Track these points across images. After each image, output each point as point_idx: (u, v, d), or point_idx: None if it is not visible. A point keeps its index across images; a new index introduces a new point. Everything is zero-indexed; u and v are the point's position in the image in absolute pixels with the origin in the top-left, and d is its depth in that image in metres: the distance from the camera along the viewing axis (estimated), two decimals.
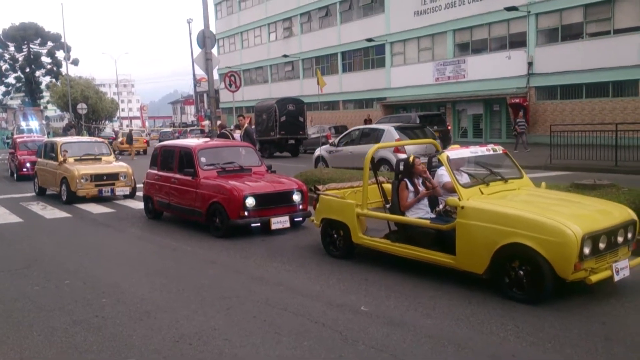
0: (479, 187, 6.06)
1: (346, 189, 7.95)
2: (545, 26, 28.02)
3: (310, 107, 44.95)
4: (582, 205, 5.91)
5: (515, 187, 6.36)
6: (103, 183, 13.45)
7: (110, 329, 5.03)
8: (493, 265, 5.49)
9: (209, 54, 15.40)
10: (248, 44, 53.46)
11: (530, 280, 5.24)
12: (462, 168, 6.54)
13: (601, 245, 5.22)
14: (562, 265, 5.05)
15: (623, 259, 5.46)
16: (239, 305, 5.58)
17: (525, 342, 4.41)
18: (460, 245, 5.75)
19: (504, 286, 5.44)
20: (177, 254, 8.03)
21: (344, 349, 4.41)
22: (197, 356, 4.37)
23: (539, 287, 5.19)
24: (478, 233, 5.58)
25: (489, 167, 6.61)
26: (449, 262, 5.90)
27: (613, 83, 25.35)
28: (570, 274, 5.06)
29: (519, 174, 6.64)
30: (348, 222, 7.05)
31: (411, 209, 6.66)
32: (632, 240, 5.70)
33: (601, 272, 5.21)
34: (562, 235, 5.02)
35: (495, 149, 6.68)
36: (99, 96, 72.28)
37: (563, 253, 5.02)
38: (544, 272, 5.13)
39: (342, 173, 12.80)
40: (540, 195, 6.34)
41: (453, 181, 5.98)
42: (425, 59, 34.41)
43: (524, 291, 5.29)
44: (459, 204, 5.75)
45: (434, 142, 8.00)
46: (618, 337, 4.43)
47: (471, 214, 5.66)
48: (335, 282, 6.25)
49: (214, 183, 9.25)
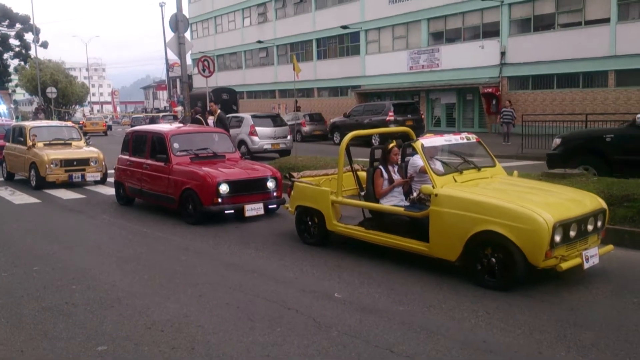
0: (452, 175, 6.10)
1: (321, 177, 7.94)
2: (518, 16, 28.29)
3: (285, 94, 44.90)
4: (554, 194, 5.98)
5: (488, 176, 6.41)
6: (73, 168, 13.21)
7: (80, 316, 4.96)
8: (466, 252, 5.54)
9: (181, 38, 15.18)
10: (222, 29, 52.82)
11: (502, 268, 5.30)
12: (436, 156, 6.57)
13: (572, 233, 5.30)
14: (534, 252, 5.12)
15: (593, 247, 5.56)
16: (211, 291, 5.55)
17: (496, 329, 4.48)
18: (433, 233, 5.79)
19: (476, 273, 5.50)
20: (149, 241, 7.94)
21: (317, 335, 4.42)
22: (169, 343, 4.33)
23: (511, 274, 5.26)
24: (451, 220, 5.62)
25: (462, 156, 6.65)
26: (423, 249, 5.94)
27: (583, 74, 25.78)
28: (541, 261, 5.14)
29: (492, 163, 6.70)
30: (323, 209, 7.05)
31: (386, 196, 6.68)
32: (602, 228, 5.81)
33: (571, 260, 5.29)
34: (533, 222, 5.09)
35: (469, 138, 6.73)
36: (69, 80, 70.84)
37: (534, 240, 5.09)
38: (516, 259, 5.19)
39: (317, 160, 12.81)
40: (513, 183, 6.39)
41: (427, 169, 6.01)
42: (400, 48, 34.48)
43: (496, 278, 5.35)
44: (432, 192, 5.77)
45: (408, 131, 8.05)
46: (586, 323, 4.53)
47: (444, 201, 5.70)
48: (309, 269, 6.26)
49: (187, 169, 9.15)
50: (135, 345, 4.32)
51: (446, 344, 4.20)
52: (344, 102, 37.76)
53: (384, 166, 6.81)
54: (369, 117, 25.05)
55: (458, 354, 4.03)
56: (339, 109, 35.34)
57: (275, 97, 46.22)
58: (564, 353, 4.03)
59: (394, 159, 6.86)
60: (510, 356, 4.00)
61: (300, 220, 7.51)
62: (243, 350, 4.18)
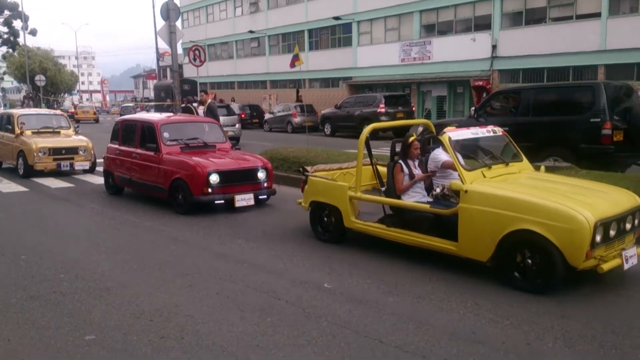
0: (481, 171, 5.79)
1: (335, 171, 7.66)
2: (510, 10, 28.31)
3: (276, 85, 44.75)
4: (590, 191, 5.67)
5: (516, 171, 6.13)
6: (62, 157, 13.11)
7: (68, 305, 4.93)
8: (498, 252, 5.25)
9: (172, 27, 15.03)
10: (213, 18, 52.44)
11: (539, 269, 5.02)
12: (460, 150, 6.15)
13: (611, 233, 5.04)
14: (574, 253, 4.85)
15: (630, 246, 5.29)
16: (201, 281, 5.54)
17: (485, 320, 4.51)
18: (463, 232, 5.49)
19: (509, 275, 5.21)
20: (138, 230, 7.90)
21: (307, 325, 4.43)
22: (158, 333, 4.32)
23: (549, 277, 4.98)
24: (483, 219, 5.32)
25: (489, 150, 6.36)
26: (451, 248, 5.65)
27: (573, 68, 25.88)
28: (581, 262, 4.87)
29: (519, 157, 6.42)
30: (340, 205, 6.73)
31: (407, 192, 6.38)
32: (639, 227, 5.51)
33: (611, 261, 5.01)
34: (574, 221, 4.82)
35: (495, 131, 6.41)
36: (58, 68, 70.19)
37: (575, 240, 4.82)
38: (555, 261, 4.90)
39: (308, 152, 12.78)
40: (543, 179, 6.10)
41: (456, 164, 5.70)
42: (392, 39, 34.41)
43: (532, 280, 5.07)
44: (462, 188, 5.46)
45: (427, 123, 7.66)
46: (574, 315, 4.57)
47: (475, 198, 5.40)
48: (299, 260, 6.26)
49: (177, 159, 9.10)
50: (124, 334, 4.31)
51: (435, 335, 4.22)
52: (335, 93, 37.67)
53: (404, 161, 6.48)
54: (360, 108, 25.04)
55: (447, 345, 4.06)
56: (330, 101, 35.25)
57: (267, 88, 46.03)
58: (551, 344, 4.07)
59: (415, 153, 6.53)
60: (498, 347, 4.03)
61: (315, 216, 7.19)
62: (233, 340, 4.18)
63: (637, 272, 5.64)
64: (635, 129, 10.20)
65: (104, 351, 4.05)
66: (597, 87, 10.62)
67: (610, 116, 10.03)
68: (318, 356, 3.93)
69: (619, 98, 10.67)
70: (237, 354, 3.96)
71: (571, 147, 10.30)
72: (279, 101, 38.15)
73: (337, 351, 3.99)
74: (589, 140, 10.10)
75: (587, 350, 3.97)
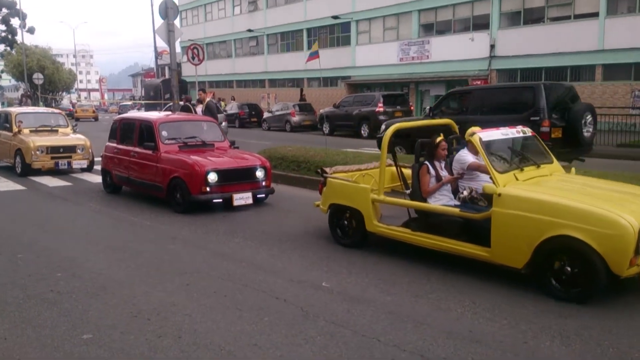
0: (513, 173, 5.54)
1: (354, 172, 7.37)
2: (508, 9, 28.32)
3: (275, 84, 44.72)
4: (629, 195, 5.41)
5: (547, 173, 5.92)
6: (60, 155, 13.09)
7: (65, 304, 4.92)
8: (534, 259, 5.01)
9: (171, 26, 15.02)
10: (212, 16, 52.40)
11: (579, 277, 4.78)
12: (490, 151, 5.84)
13: None
14: (617, 260, 4.61)
15: None
16: (199, 280, 5.53)
17: (482, 319, 4.51)
18: (496, 237, 5.23)
19: (547, 283, 4.97)
20: (135, 229, 7.89)
21: (304, 324, 4.43)
22: (155, 332, 4.31)
23: (591, 285, 4.72)
24: (518, 224, 5.08)
25: (520, 151, 6.17)
26: (483, 254, 5.39)
27: (571, 67, 25.90)
28: (625, 269, 4.64)
29: (549, 159, 6.22)
30: (362, 208, 6.42)
31: (433, 195, 6.14)
32: None
33: None
34: (618, 227, 4.58)
35: (524, 131, 6.21)
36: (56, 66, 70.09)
37: (619, 247, 4.57)
38: (597, 268, 4.65)
39: (306, 151, 12.77)
40: (577, 182, 5.86)
41: (488, 166, 5.44)
42: (390, 39, 34.41)
43: (571, 289, 4.83)
44: (495, 191, 5.21)
45: (450, 123, 7.35)
46: (571, 314, 4.58)
47: (510, 202, 5.15)
48: (297, 259, 6.26)
49: (175, 157, 9.09)
50: (121, 333, 4.30)
51: (432, 334, 4.22)
52: (334, 92, 37.67)
53: (431, 162, 6.23)
54: (358, 108, 25.04)
55: (444, 344, 4.06)
56: (329, 100, 35.27)
57: (265, 87, 46.02)
58: (548, 343, 4.07)
59: (442, 154, 6.28)
60: (495, 346, 4.03)
61: (334, 219, 6.87)
62: (230, 339, 4.18)
63: None
64: (572, 127, 10.91)
65: (101, 350, 4.04)
66: (537, 88, 11.31)
67: (549, 115, 10.85)
68: (316, 355, 3.92)
69: (559, 98, 11.46)
70: (235, 353, 3.96)
71: None
72: (278, 100, 38.12)
73: (335, 350, 3.98)
74: None
75: (585, 350, 3.97)
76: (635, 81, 23.55)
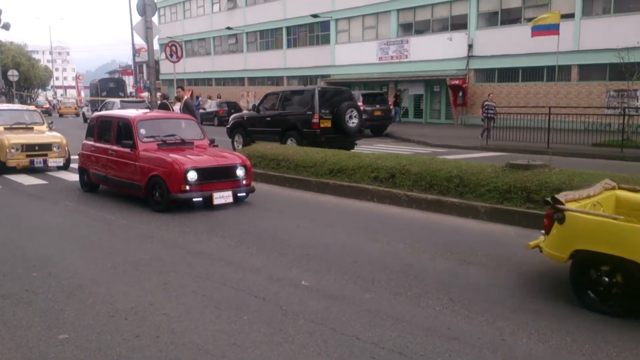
0: None
1: (584, 200, 5.36)
2: (485, 9, 28.61)
3: (254, 82, 44.54)
4: None
5: None
6: (35, 153, 12.89)
7: (41, 304, 4.84)
8: None
9: (149, 22, 14.87)
10: (190, 14, 52.02)
11: None
12: None
13: None
14: None
15: None
16: (177, 279, 5.49)
17: (460, 316, 4.55)
18: None
19: None
20: (112, 228, 7.80)
21: (284, 322, 4.42)
22: (133, 331, 4.27)
23: None
24: None
25: None
26: None
27: (547, 68, 26.26)
28: None
29: None
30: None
31: None
32: None
33: None
34: None
35: None
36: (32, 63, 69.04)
37: None
38: None
39: (285, 150, 12.74)
40: None
41: None
42: (370, 38, 34.53)
43: None
44: None
45: None
46: (547, 311, 4.64)
47: None
48: (277, 257, 6.24)
49: (154, 156, 8.98)
50: (98, 333, 4.24)
51: (411, 331, 4.25)
52: None
53: None
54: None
55: (423, 341, 4.08)
56: None
57: (244, 85, 45.84)
58: (525, 339, 4.12)
59: None
60: (473, 343, 4.06)
61: (582, 274, 4.79)
62: (209, 338, 4.15)
63: None
64: (338, 120, 15.05)
65: (77, 350, 3.99)
66: (313, 91, 15.47)
67: (319, 110, 14.95)
68: (295, 354, 3.92)
69: (330, 99, 15.43)
70: (213, 352, 3.94)
71: (299, 131, 15.15)
72: (257, 98, 37.97)
73: (314, 349, 3.98)
74: (306, 127, 15.01)
75: (561, 345, 4.03)
76: (610, 81, 23.96)
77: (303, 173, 11.04)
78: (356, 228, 7.65)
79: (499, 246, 6.65)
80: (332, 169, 10.60)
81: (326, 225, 7.86)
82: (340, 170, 10.45)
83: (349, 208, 9.09)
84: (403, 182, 9.40)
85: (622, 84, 21.02)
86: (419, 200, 8.86)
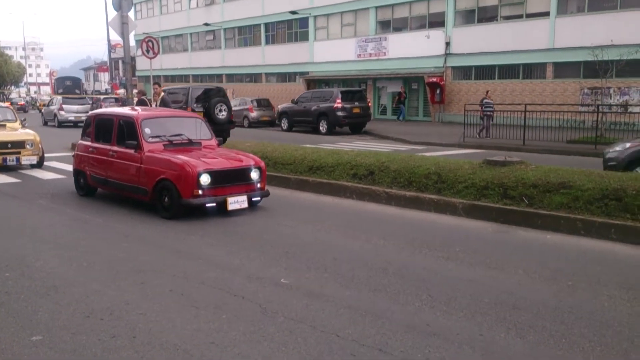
0: None
1: None
2: (462, 7, 28.82)
3: (232, 79, 44.27)
4: None
5: None
6: (7, 151, 12.62)
7: (14, 305, 4.73)
8: None
9: (125, 18, 14.66)
10: (167, 9, 51.47)
11: None
12: None
13: None
14: None
15: None
16: (154, 278, 5.41)
17: (439, 312, 4.57)
18: None
19: None
20: (88, 227, 7.68)
21: (263, 321, 4.39)
22: (108, 331, 4.20)
23: None
24: None
25: None
26: None
27: (523, 65, 26.58)
28: None
29: None
30: None
31: None
32: None
33: None
34: None
35: None
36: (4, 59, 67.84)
37: None
38: None
39: (264, 146, 12.68)
40: None
41: None
42: (348, 35, 34.55)
43: None
44: None
45: None
46: (525, 306, 4.68)
47: None
48: (256, 256, 6.20)
49: (162, 157, 8.27)
50: (73, 334, 4.16)
51: (391, 327, 4.25)
52: (292, 88, 37.60)
53: None
54: (317, 103, 25.07)
55: (402, 337, 4.08)
56: (287, 95, 35.19)
57: (223, 82, 45.53)
58: (503, 334, 4.15)
59: None
60: (452, 338, 4.08)
61: None
62: (187, 337, 4.10)
63: (578, 261, 5.83)
64: (208, 112, 17.09)
65: (51, 352, 3.90)
66: (188, 89, 18.56)
67: (191, 104, 17.63)
68: (275, 352, 3.89)
69: (206, 94, 18.18)
70: (191, 352, 3.89)
71: None
72: (235, 95, 37.77)
73: (294, 346, 3.96)
74: None
75: (538, 340, 4.06)
76: (584, 79, 24.32)
77: (282, 170, 11.00)
78: (336, 225, 7.65)
79: (476, 242, 6.70)
80: (312, 166, 10.59)
81: (305, 223, 7.84)
82: (320, 167, 10.44)
83: (328, 205, 9.08)
84: (382, 179, 9.42)
85: (596, 81, 21.35)
86: (398, 197, 8.89)
